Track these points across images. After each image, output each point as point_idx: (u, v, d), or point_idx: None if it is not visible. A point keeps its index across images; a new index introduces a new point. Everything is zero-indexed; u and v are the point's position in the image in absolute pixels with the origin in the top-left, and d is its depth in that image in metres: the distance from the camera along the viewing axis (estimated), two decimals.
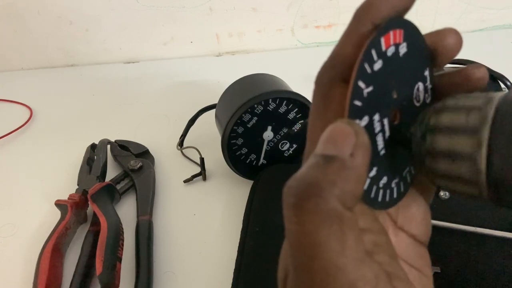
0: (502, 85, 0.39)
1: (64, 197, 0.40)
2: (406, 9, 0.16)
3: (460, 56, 0.47)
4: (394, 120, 0.18)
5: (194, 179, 0.44)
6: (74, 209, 0.38)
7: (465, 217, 0.35)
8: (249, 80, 0.43)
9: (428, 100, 0.19)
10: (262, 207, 0.38)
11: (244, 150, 0.41)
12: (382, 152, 0.17)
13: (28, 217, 0.42)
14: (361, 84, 0.15)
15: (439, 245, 0.34)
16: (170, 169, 0.46)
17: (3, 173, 0.49)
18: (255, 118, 0.39)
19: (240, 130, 0.40)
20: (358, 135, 0.14)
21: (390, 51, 0.16)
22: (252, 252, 0.34)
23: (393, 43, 0.16)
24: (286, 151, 0.43)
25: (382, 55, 0.16)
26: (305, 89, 0.44)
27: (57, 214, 0.38)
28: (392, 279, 0.16)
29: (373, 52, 0.16)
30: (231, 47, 0.72)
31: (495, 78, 0.39)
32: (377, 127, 0.17)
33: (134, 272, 0.34)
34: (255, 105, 0.39)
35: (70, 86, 0.67)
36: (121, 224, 0.37)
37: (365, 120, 0.16)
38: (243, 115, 0.39)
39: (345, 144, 0.14)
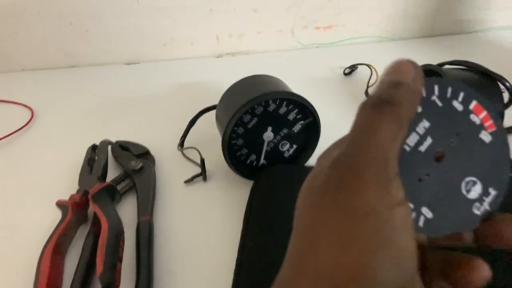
0: (501, 86, 0.39)
1: (65, 197, 0.40)
2: None
3: (460, 56, 0.47)
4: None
5: (195, 179, 0.44)
6: (75, 210, 0.39)
7: None
8: (249, 81, 0.43)
9: None
10: (262, 207, 0.38)
11: (245, 151, 0.42)
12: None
13: (28, 217, 0.42)
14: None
15: None
16: (170, 169, 0.47)
17: (4, 174, 0.49)
18: (256, 118, 0.40)
19: (241, 130, 0.40)
20: (416, 68, 0.18)
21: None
22: (252, 252, 0.34)
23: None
24: (286, 152, 0.43)
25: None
26: (305, 89, 0.45)
27: (57, 214, 0.39)
28: None
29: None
30: (231, 48, 0.72)
31: (494, 79, 0.39)
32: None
33: (135, 272, 0.34)
34: (256, 106, 0.39)
35: (70, 87, 0.67)
36: (122, 225, 0.37)
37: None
38: (244, 115, 0.39)
39: (409, 72, 0.18)
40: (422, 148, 0.19)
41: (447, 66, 0.43)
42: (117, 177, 0.44)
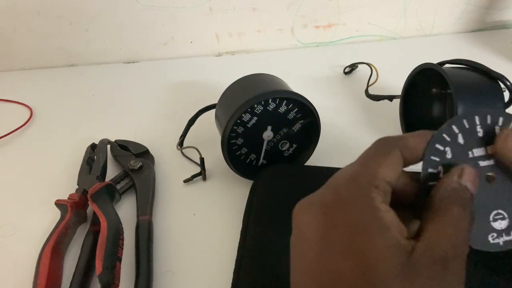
0: (502, 85, 0.39)
1: (64, 197, 0.40)
2: None
3: (460, 56, 0.47)
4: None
5: (194, 179, 0.44)
6: (74, 209, 0.38)
7: None
8: (249, 80, 0.43)
9: None
10: (262, 207, 0.38)
11: (244, 150, 0.41)
12: None
13: (28, 217, 0.42)
14: None
15: None
16: (170, 169, 0.46)
17: (3, 173, 0.49)
18: (255, 118, 0.39)
19: (240, 130, 0.40)
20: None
21: None
22: (252, 252, 0.34)
23: None
24: (286, 151, 0.43)
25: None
26: (305, 88, 0.45)
27: (57, 214, 0.39)
28: None
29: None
30: (231, 47, 0.72)
31: (495, 78, 0.39)
32: None
33: (134, 272, 0.34)
34: (255, 105, 0.39)
35: (70, 86, 0.67)
36: (121, 224, 0.37)
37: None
38: (243, 115, 0.39)
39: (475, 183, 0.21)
40: (482, 163, 0.21)
41: (448, 65, 0.43)
42: (116, 176, 0.44)
